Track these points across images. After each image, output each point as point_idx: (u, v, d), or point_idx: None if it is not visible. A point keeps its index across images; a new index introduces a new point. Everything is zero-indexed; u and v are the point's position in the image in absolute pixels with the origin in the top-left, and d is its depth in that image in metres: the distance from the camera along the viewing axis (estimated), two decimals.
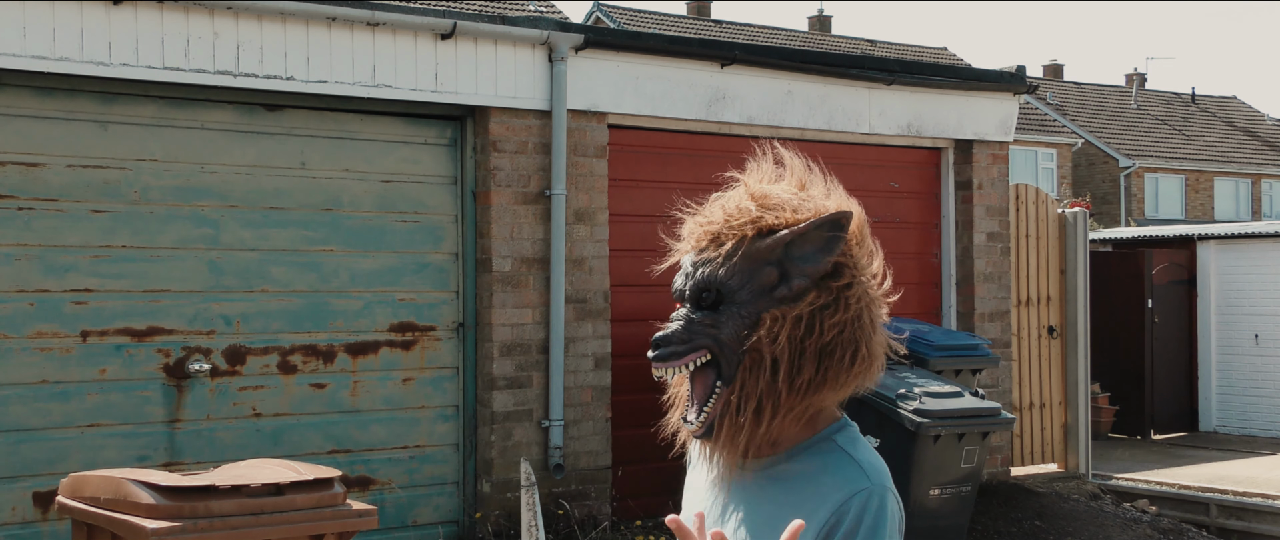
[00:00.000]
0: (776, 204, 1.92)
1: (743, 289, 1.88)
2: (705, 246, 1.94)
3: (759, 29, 33.87)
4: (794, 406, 1.87)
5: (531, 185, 7.89)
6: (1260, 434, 14.44)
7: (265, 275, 7.27)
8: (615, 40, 8.32)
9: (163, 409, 6.96)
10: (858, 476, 1.85)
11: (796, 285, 1.86)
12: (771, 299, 1.87)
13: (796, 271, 1.87)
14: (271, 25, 7.04)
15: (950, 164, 9.97)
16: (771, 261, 1.88)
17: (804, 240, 1.88)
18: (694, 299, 1.92)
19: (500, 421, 7.74)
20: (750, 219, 1.91)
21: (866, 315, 1.92)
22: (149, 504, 4.55)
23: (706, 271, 1.91)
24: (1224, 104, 41.91)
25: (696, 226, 1.98)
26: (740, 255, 1.89)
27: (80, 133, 6.78)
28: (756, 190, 1.95)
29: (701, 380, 1.92)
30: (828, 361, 1.86)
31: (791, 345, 1.85)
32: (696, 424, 1.92)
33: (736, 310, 1.88)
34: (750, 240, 1.89)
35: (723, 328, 1.88)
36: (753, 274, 1.88)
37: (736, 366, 1.88)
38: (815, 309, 1.86)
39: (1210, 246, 14.94)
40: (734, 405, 1.88)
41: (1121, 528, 9.35)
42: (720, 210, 1.95)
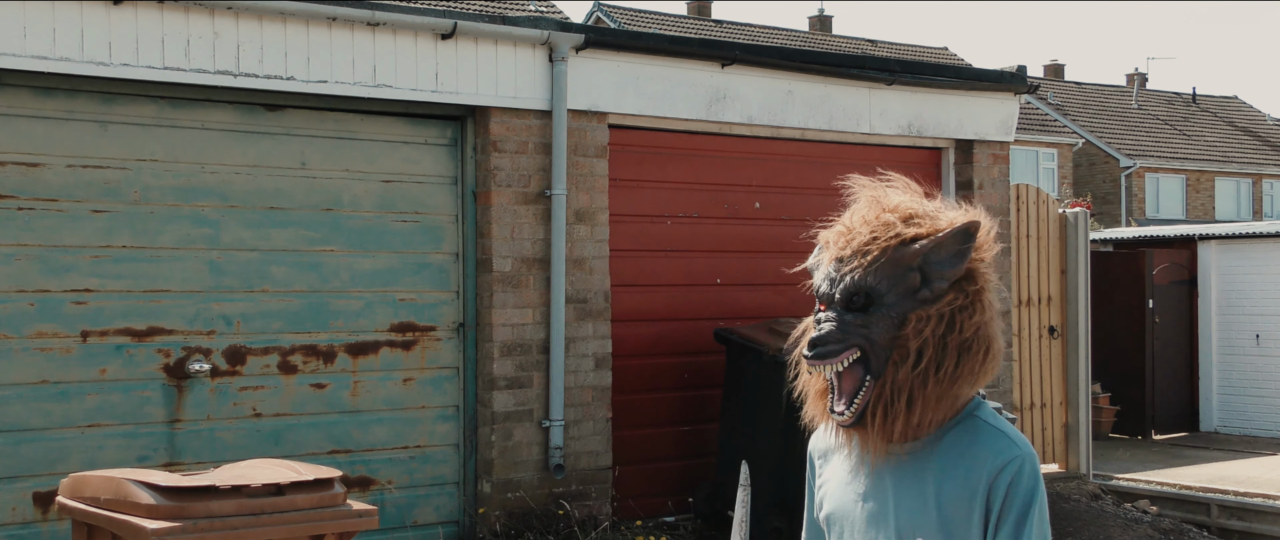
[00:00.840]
0: (915, 215, 2.16)
1: (890, 292, 2.11)
2: (850, 254, 2.15)
3: (759, 29, 33.87)
4: (940, 396, 2.10)
5: (532, 185, 7.89)
6: (1261, 434, 14.44)
7: (265, 275, 7.26)
8: (615, 40, 8.32)
9: (163, 409, 6.95)
10: (1008, 445, 2.10)
11: (937, 288, 2.11)
12: (915, 300, 2.11)
13: (936, 275, 2.11)
14: (272, 25, 7.04)
15: (951, 164, 9.97)
16: (914, 267, 2.11)
17: (941, 247, 2.12)
18: (845, 301, 2.14)
19: (500, 421, 7.74)
20: (895, 230, 2.13)
21: (994, 313, 2.18)
22: (149, 504, 4.54)
23: (856, 277, 2.13)
24: (1225, 104, 41.90)
25: (840, 237, 2.20)
26: (887, 262, 2.11)
27: (80, 133, 6.78)
28: (889, 203, 2.19)
29: (850, 375, 2.14)
30: (966, 355, 2.10)
31: (935, 341, 2.09)
32: (848, 414, 2.13)
33: (885, 311, 2.11)
34: (896, 249, 2.12)
35: (873, 327, 2.11)
36: (898, 279, 2.11)
37: (885, 362, 2.11)
38: (954, 309, 2.11)
39: (1211, 246, 14.94)
40: (887, 396, 2.10)
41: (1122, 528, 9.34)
42: (861, 221, 2.18)
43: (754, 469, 7.95)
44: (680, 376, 8.73)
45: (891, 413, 2.10)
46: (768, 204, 9.10)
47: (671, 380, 8.71)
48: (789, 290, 9.04)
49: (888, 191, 2.21)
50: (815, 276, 2.22)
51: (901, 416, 2.09)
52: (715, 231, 8.89)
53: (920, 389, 2.08)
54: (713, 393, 8.61)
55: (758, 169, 9.05)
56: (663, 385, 8.68)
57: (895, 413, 2.10)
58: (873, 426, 2.12)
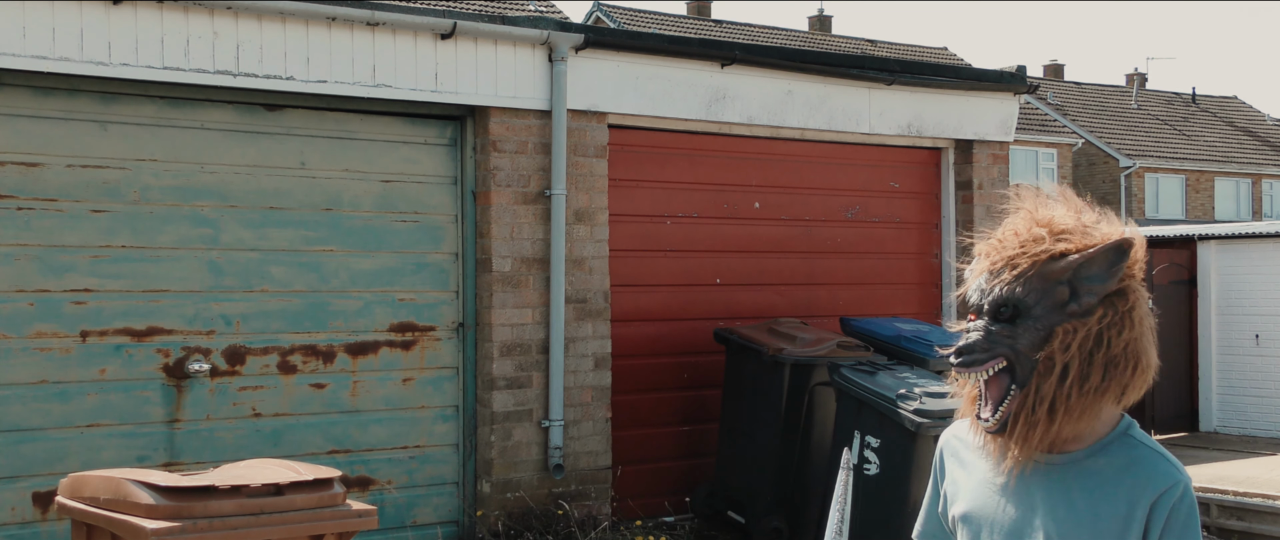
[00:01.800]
0: (1066, 230, 2.18)
1: (1037, 305, 2.15)
2: (1001, 267, 2.19)
3: (759, 29, 33.87)
4: (1083, 409, 2.13)
5: (531, 185, 7.88)
6: (1261, 434, 14.44)
7: (265, 275, 7.26)
8: (615, 40, 8.32)
9: (162, 409, 6.95)
10: (1170, 470, 2.13)
11: (1085, 302, 2.13)
12: (1063, 314, 2.14)
13: (1086, 290, 2.14)
14: (271, 25, 7.04)
15: (950, 164, 9.97)
16: (1063, 281, 2.14)
17: (1092, 263, 2.14)
18: (992, 312, 2.19)
19: (500, 421, 7.74)
20: (1044, 244, 2.17)
21: (1147, 332, 2.19)
22: (149, 504, 4.54)
23: (1004, 289, 2.17)
24: (1224, 104, 41.90)
25: (992, 249, 2.24)
26: (1035, 275, 2.15)
27: (80, 133, 6.77)
28: (1042, 217, 2.21)
29: (996, 384, 2.18)
30: (1113, 371, 2.13)
31: (1082, 354, 2.12)
32: (992, 421, 2.18)
33: (1032, 323, 2.15)
34: (1044, 263, 2.15)
35: (1019, 338, 2.15)
36: (1046, 292, 2.14)
37: (1030, 372, 2.15)
38: (1104, 325, 2.13)
39: (1211, 246, 14.94)
40: (1029, 406, 2.14)
41: None
42: (1013, 234, 2.21)
43: (753, 469, 7.95)
44: (680, 376, 8.73)
45: (1033, 422, 2.14)
46: (767, 204, 9.10)
47: (671, 380, 8.71)
48: (789, 290, 9.04)
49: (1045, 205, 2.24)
50: (966, 286, 2.27)
51: (1042, 426, 2.13)
52: (715, 231, 8.89)
53: (1063, 401, 2.12)
54: (712, 393, 8.61)
55: (757, 169, 9.05)
56: (662, 385, 8.68)
57: (1036, 421, 2.14)
58: (1015, 434, 2.16)
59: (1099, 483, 2.15)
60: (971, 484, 2.31)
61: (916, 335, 8.60)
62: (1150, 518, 2.10)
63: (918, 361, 8.38)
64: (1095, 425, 2.18)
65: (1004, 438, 2.19)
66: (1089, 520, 2.13)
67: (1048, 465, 2.20)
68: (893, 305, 9.69)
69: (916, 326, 8.90)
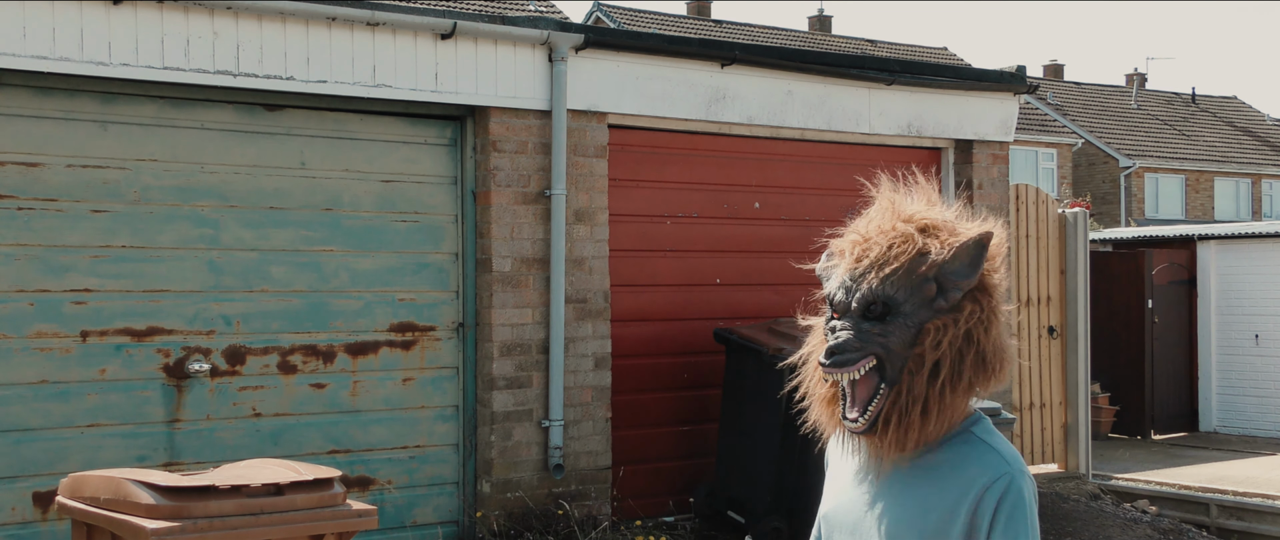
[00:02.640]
0: (932, 225, 2.16)
1: (907, 302, 2.11)
2: (867, 263, 2.15)
3: (759, 29, 33.87)
4: (954, 405, 2.12)
5: (531, 185, 7.89)
6: (1260, 434, 14.44)
7: (265, 275, 7.26)
8: (615, 40, 8.32)
9: (162, 409, 6.95)
10: (998, 462, 2.11)
11: (952, 297, 2.11)
12: (931, 310, 2.12)
13: (951, 285, 2.12)
14: (271, 25, 7.04)
15: (950, 164, 9.97)
16: (930, 277, 2.11)
17: (957, 257, 2.12)
18: (862, 310, 2.14)
19: (500, 421, 7.74)
20: (913, 240, 2.14)
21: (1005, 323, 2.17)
22: (149, 504, 4.54)
23: (873, 286, 2.13)
24: (1224, 104, 41.90)
25: (856, 244, 2.19)
26: (904, 272, 2.11)
27: (80, 133, 6.78)
28: (905, 212, 2.18)
29: (865, 383, 2.14)
30: (981, 366, 2.13)
31: (952, 351, 2.11)
32: (861, 421, 2.14)
33: (902, 321, 2.11)
34: (912, 259, 2.12)
35: (890, 336, 2.11)
36: (915, 289, 2.11)
37: (900, 370, 2.12)
38: (971, 321, 2.12)
39: (1210, 246, 14.94)
40: (902, 405, 2.12)
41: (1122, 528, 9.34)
42: (878, 230, 2.17)
43: (753, 469, 7.95)
44: (680, 376, 8.73)
45: (906, 421, 2.12)
46: (767, 204, 9.10)
47: (671, 380, 8.71)
48: (789, 290, 9.04)
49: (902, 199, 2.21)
50: (828, 284, 2.21)
51: (916, 425, 2.12)
52: (715, 231, 8.89)
53: (936, 398, 2.11)
54: (712, 393, 8.61)
55: (757, 169, 9.05)
56: (662, 385, 8.68)
57: (909, 422, 2.11)
58: (885, 435, 2.13)
59: (934, 479, 2.13)
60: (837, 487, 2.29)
61: None
62: (976, 511, 2.07)
63: None
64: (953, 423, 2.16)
65: (872, 438, 2.14)
66: (918, 515, 2.11)
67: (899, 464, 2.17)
68: None
69: None
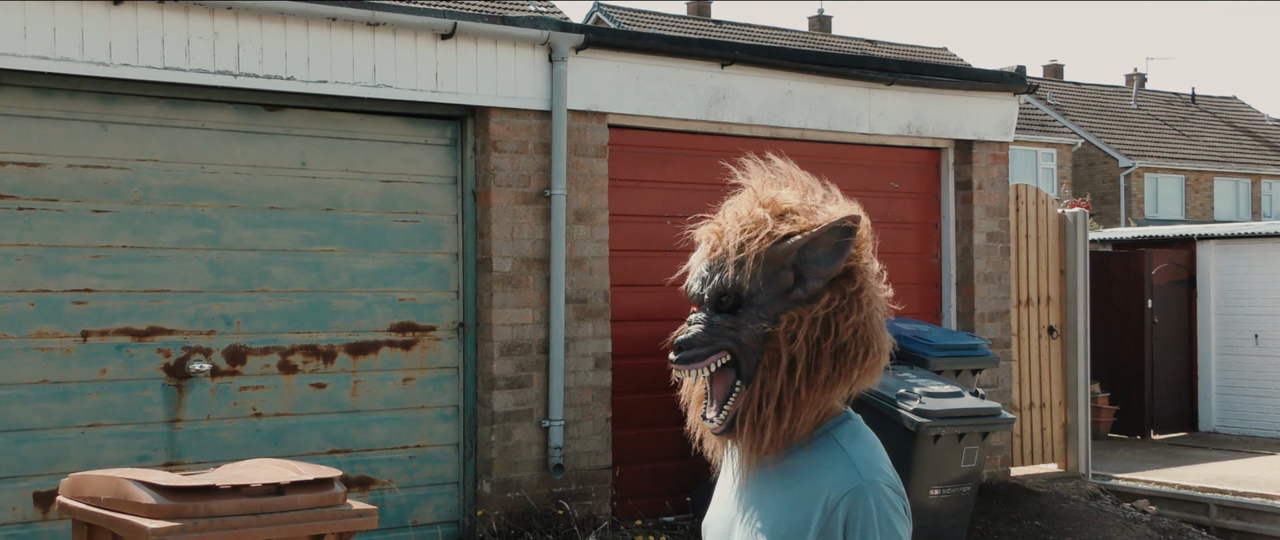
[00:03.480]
0: (789, 210, 2.00)
1: (760, 292, 1.96)
2: (721, 252, 2.00)
3: (759, 29, 33.87)
4: (813, 402, 1.95)
5: (532, 185, 7.89)
6: (1260, 434, 14.44)
7: (265, 275, 7.27)
8: (615, 40, 8.32)
9: (163, 409, 6.96)
10: (850, 474, 1.93)
11: (811, 287, 1.95)
12: (788, 301, 1.95)
13: (811, 274, 1.96)
14: (271, 25, 7.05)
15: (950, 164, 9.97)
16: (787, 265, 1.96)
17: (816, 244, 1.96)
18: (713, 302, 1.99)
19: (500, 421, 7.74)
20: (767, 226, 1.98)
21: (876, 315, 2.02)
22: (149, 504, 4.55)
23: (725, 276, 1.98)
24: (1224, 104, 41.91)
25: (711, 232, 2.04)
26: (757, 260, 1.96)
27: (80, 133, 6.78)
28: (765, 197, 2.03)
29: (721, 380, 2.00)
30: (842, 359, 1.96)
31: (809, 344, 1.94)
32: (717, 421, 2.00)
33: (755, 312, 1.96)
34: (767, 246, 1.96)
35: (742, 330, 1.96)
36: (770, 278, 1.96)
37: (756, 366, 1.96)
38: (830, 310, 1.96)
39: (1210, 246, 14.95)
40: (755, 403, 1.96)
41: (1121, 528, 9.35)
42: (734, 217, 2.01)
43: None
44: None
45: (761, 419, 1.95)
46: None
47: (671, 380, 8.65)
48: None
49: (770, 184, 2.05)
50: (688, 275, 2.06)
51: (771, 423, 1.95)
52: None
53: (791, 395, 1.94)
54: None
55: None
56: (662, 385, 8.65)
57: (765, 419, 1.95)
58: (742, 434, 1.98)
59: (786, 484, 1.97)
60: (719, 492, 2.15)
61: (916, 335, 8.61)
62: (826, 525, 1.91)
63: (918, 361, 8.40)
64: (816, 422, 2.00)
65: (732, 438, 2.00)
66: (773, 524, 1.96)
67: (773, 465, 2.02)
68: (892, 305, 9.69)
69: (916, 326, 8.91)
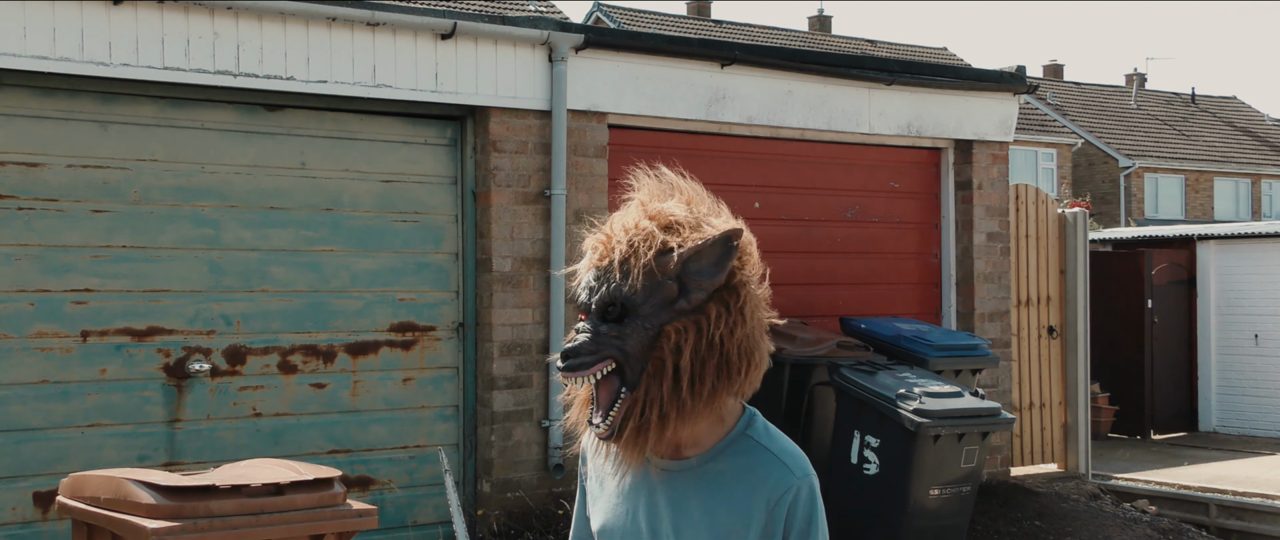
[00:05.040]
0: (674, 223, 2.06)
1: (645, 303, 2.02)
2: (608, 262, 2.07)
3: (759, 29, 33.87)
4: (696, 411, 2.03)
5: (531, 185, 7.89)
6: (1260, 434, 14.45)
7: (265, 275, 7.27)
8: (615, 40, 8.33)
9: (163, 409, 6.96)
10: (784, 473, 2.05)
11: (695, 298, 2.03)
12: (672, 311, 2.02)
13: (695, 286, 2.03)
14: (271, 25, 7.05)
15: (950, 164, 9.97)
16: (671, 277, 2.03)
17: (700, 256, 2.03)
18: (600, 312, 2.05)
19: (500, 421, 7.75)
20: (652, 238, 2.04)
21: (758, 326, 2.10)
22: (149, 504, 4.55)
23: (611, 287, 2.04)
24: (1224, 104, 41.91)
25: (599, 242, 2.11)
26: (642, 271, 2.02)
27: (80, 133, 6.78)
28: (652, 209, 2.09)
29: (607, 386, 2.06)
30: (726, 368, 2.04)
31: (693, 354, 2.02)
32: (603, 426, 2.06)
33: (640, 322, 2.02)
34: (652, 257, 2.03)
35: (628, 339, 2.02)
36: (654, 289, 2.02)
37: (640, 374, 2.03)
38: (714, 322, 2.03)
39: (1210, 246, 14.95)
40: (639, 410, 2.03)
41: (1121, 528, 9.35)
42: (621, 228, 2.08)
43: None
44: None
45: (644, 426, 2.03)
46: (767, 204, 9.10)
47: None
48: (788, 290, 9.04)
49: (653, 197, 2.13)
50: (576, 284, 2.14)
51: (653, 429, 2.03)
52: None
53: (674, 402, 2.01)
54: None
55: (757, 169, 9.06)
56: None
57: (647, 425, 2.03)
58: (625, 440, 2.06)
59: (716, 488, 2.06)
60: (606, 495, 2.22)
61: (916, 335, 8.61)
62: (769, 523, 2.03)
63: (918, 361, 8.40)
64: (716, 427, 2.09)
65: (617, 444, 2.07)
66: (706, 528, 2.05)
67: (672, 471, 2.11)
68: (893, 305, 9.70)
69: (916, 326, 8.92)
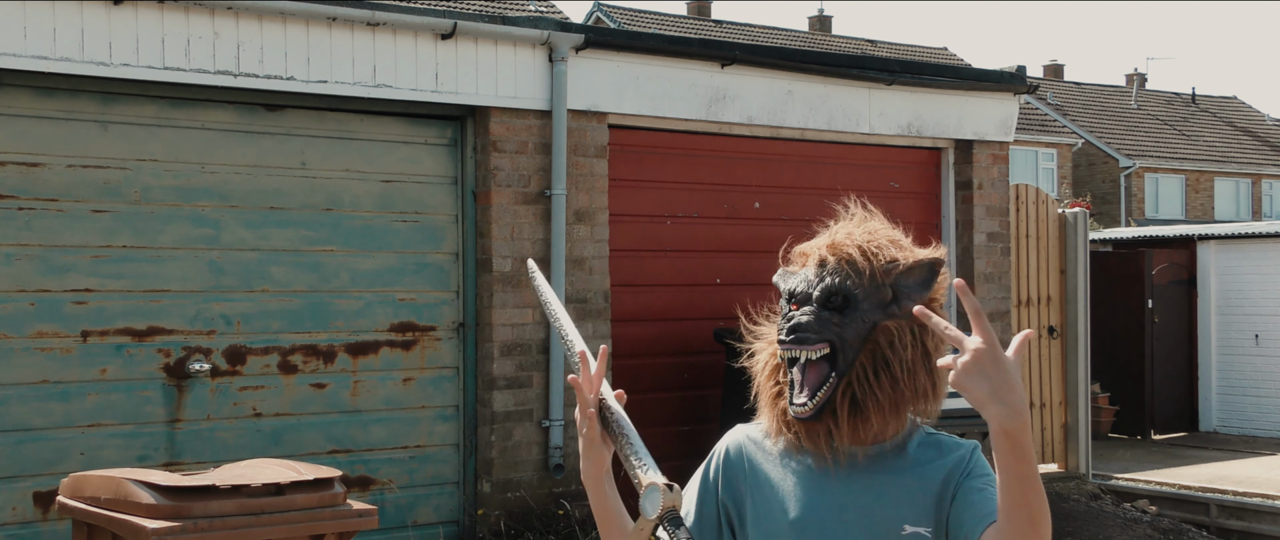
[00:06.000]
0: (896, 242, 2.33)
1: (865, 301, 2.24)
2: (836, 263, 2.30)
3: (759, 29, 33.86)
4: (896, 405, 2.22)
5: (532, 185, 7.89)
6: (1260, 434, 14.44)
7: (265, 275, 7.27)
8: (615, 40, 8.32)
9: (163, 409, 6.96)
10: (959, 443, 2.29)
11: (905, 306, 2.24)
12: (886, 313, 2.24)
13: (906, 296, 2.25)
14: (272, 25, 7.05)
15: (950, 164, 9.97)
16: (888, 284, 2.26)
17: (912, 272, 2.28)
18: (823, 300, 2.26)
19: (500, 421, 7.74)
20: (879, 247, 2.30)
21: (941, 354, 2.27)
22: (149, 504, 4.55)
23: (838, 281, 2.27)
24: (1224, 104, 41.91)
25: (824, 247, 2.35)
26: (867, 273, 2.26)
27: (80, 133, 6.78)
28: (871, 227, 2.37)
29: (815, 369, 2.23)
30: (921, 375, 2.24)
31: (902, 352, 2.22)
32: (810, 406, 2.21)
33: (858, 316, 2.24)
34: (876, 264, 2.28)
35: (846, 328, 2.23)
36: (874, 291, 2.25)
37: (852, 362, 2.22)
38: (920, 330, 2.24)
39: (1210, 246, 14.94)
40: (850, 395, 2.21)
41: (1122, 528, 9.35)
42: (848, 237, 2.34)
43: None
44: (680, 376, 8.73)
45: (855, 410, 2.21)
46: (767, 204, 9.10)
47: (671, 380, 8.71)
48: None
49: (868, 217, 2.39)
50: (791, 281, 2.36)
51: (860, 415, 2.21)
52: (715, 231, 8.89)
53: (883, 392, 2.20)
54: (712, 393, 8.61)
55: (758, 169, 9.06)
56: (663, 385, 8.68)
57: (857, 410, 2.20)
58: (831, 422, 2.22)
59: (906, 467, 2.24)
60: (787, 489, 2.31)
61: None
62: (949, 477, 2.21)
63: None
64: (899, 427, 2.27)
65: (818, 426, 2.23)
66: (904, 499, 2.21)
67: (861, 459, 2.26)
68: None
69: None
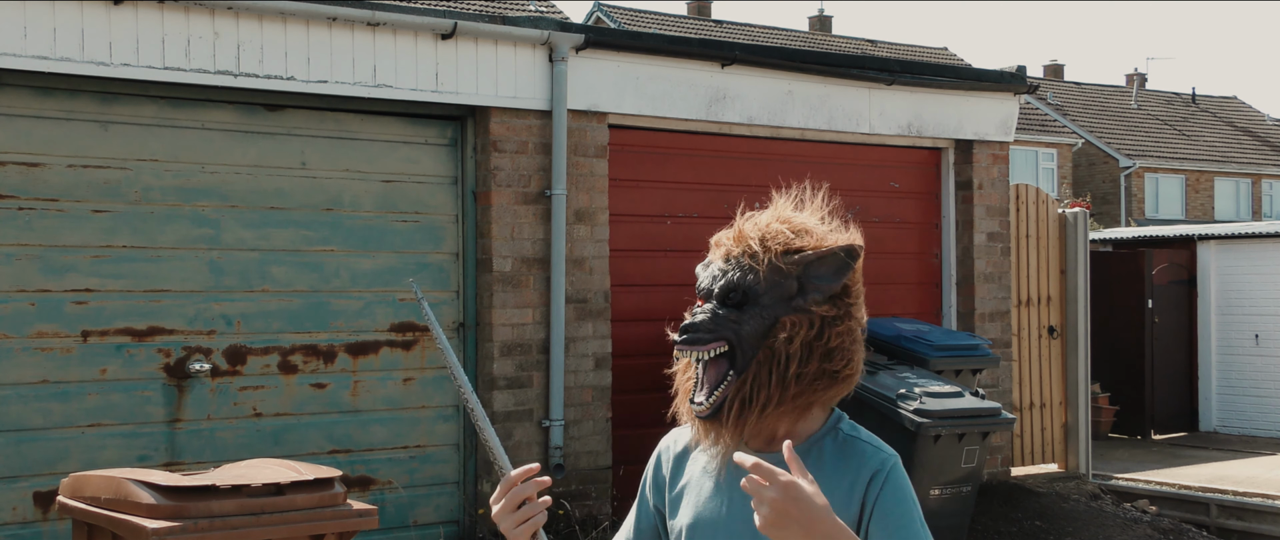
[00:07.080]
0: (804, 229, 2.24)
1: (766, 295, 2.18)
2: (738, 255, 2.24)
3: (759, 29, 33.87)
4: (794, 401, 2.16)
5: (532, 185, 7.89)
6: (1260, 434, 14.44)
7: (266, 275, 7.27)
8: (616, 40, 8.33)
9: (163, 409, 6.96)
10: (876, 453, 2.18)
11: (812, 298, 2.18)
12: (789, 306, 2.17)
13: (813, 287, 2.19)
14: (272, 25, 7.05)
15: (950, 164, 9.97)
16: (793, 276, 2.19)
17: (822, 263, 2.20)
18: (721, 297, 2.21)
19: (500, 421, 7.74)
20: (783, 239, 2.22)
21: (859, 334, 2.23)
22: (149, 504, 4.55)
23: (737, 276, 2.21)
24: (1224, 104, 41.91)
25: (730, 236, 2.29)
26: (769, 267, 2.19)
27: (81, 133, 6.78)
28: (785, 215, 2.29)
29: (715, 367, 2.20)
30: (828, 365, 2.17)
31: (802, 347, 2.15)
32: (706, 405, 2.20)
33: (758, 311, 2.17)
34: (779, 255, 2.20)
35: (744, 324, 2.17)
36: (777, 284, 2.18)
37: (750, 359, 2.16)
38: (825, 320, 2.17)
39: (1210, 246, 14.95)
40: (746, 393, 2.16)
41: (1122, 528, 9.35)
42: (753, 226, 2.27)
43: None
44: None
45: (748, 409, 2.15)
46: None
47: (672, 380, 8.69)
48: None
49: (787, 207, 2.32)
50: (701, 275, 2.29)
51: (755, 414, 2.15)
52: (715, 231, 8.86)
53: (779, 390, 2.14)
54: None
55: (758, 169, 9.06)
56: (663, 385, 8.64)
57: (750, 410, 2.15)
58: (727, 421, 2.17)
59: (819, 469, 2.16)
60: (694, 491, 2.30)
61: (916, 335, 8.61)
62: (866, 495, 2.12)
63: (918, 361, 8.40)
64: (808, 423, 2.21)
65: (715, 424, 2.19)
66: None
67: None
68: (893, 305, 9.70)
69: (916, 326, 8.92)
